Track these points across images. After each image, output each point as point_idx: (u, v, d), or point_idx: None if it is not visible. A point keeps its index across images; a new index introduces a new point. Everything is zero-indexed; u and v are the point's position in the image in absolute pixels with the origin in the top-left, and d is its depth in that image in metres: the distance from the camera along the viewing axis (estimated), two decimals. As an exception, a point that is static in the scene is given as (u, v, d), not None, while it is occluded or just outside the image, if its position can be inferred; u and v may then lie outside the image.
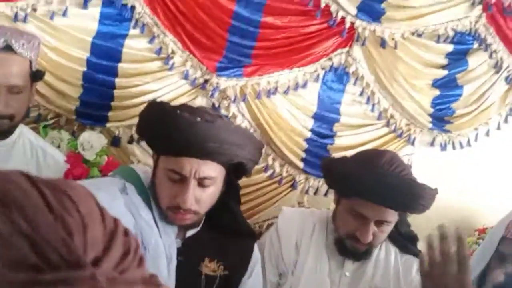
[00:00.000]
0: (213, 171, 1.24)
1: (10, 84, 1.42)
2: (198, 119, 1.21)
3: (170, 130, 1.21)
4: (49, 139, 1.87)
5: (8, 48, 1.42)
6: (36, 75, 1.53)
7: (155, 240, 1.22)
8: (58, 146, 1.86)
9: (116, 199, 1.19)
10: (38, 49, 1.57)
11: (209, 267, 1.32)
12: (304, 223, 1.60)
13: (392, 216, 1.47)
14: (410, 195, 1.45)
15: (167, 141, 1.23)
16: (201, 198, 1.24)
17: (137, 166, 1.45)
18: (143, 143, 1.88)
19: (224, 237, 1.38)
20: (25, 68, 1.47)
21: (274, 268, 1.55)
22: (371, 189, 1.43)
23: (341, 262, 1.54)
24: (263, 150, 2.19)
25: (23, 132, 1.61)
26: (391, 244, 1.62)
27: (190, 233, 1.33)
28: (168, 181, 1.23)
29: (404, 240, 1.64)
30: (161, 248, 1.23)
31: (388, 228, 1.49)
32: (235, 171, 1.33)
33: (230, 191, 1.36)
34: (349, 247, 1.50)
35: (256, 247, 1.46)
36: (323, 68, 2.28)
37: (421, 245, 1.73)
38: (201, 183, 1.23)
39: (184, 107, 1.31)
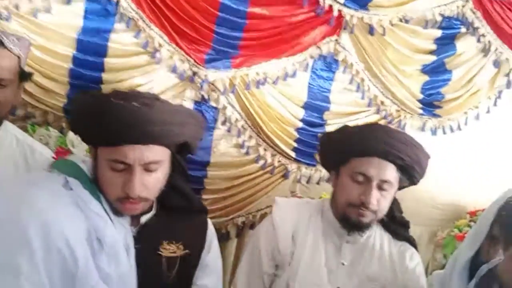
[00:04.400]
0: (158, 154, 1.19)
1: None
2: (135, 104, 1.15)
3: (107, 119, 1.15)
4: (37, 136, 1.86)
5: None
6: (24, 75, 1.53)
7: (110, 231, 1.17)
8: (47, 143, 1.85)
9: (62, 196, 1.14)
10: (27, 49, 1.57)
11: (168, 249, 1.31)
12: (299, 214, 1.60)
13: (394, 178, 1.47)
14: (411, 151, 1.47)
15: (105, 131, 1.16)
16: (148, 183, 1.20)
17: (74, 156, 1.38)
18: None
19: (178, 216, 1.36)
20: (14, 63, 1.47)
21: (271, 260, 1.55)
22: (375, 143, 1.44)
23: (338, 250, 1.54)
24: (255, 141, 2.25)
25: (8, 129, 1.59)
26: (384, 231, 1.63)
27: (144, 219, 1.30)
28: (111, 172, 1.18)
29: (396, 226, 1.65)
30: (117, 240, 1.19)
31: (389, 195, 1.48)
32: (180, 150, 1.29)
33: (177, 170, 1.33)
34: (354, 219, 1.48)
35: (210, 222, 1.46)
36: (312, 57, 2.27)
37: (412, 231, 1.75)
38: (147, 168, 1.18)
39: (117, 93, 1.24)
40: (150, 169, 1.19)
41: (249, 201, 2.31)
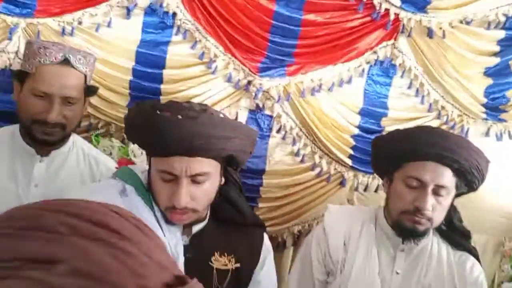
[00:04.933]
0: (205, 166, 1.20)
1: (65, 95, 1.50)
2: (179, 116, 1.16)
3: (152, 132, 1.17)
4: (101, 147, 1.93)
5: (66, 62, 1.51)
6: (90, 90, 1.61)
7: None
8: (110, 154, 1.92)
9: (114, 203, 1.16)
10: (93, 65, 1.64)
11: (220, 261, 1.30)
12: (352, 221, 1.56)
13: (450, 183, 1.41)
14: (468, 155, 1.41)
15: (151, 143, 1.20)
16: (196, 195, 1.20)
17: (136, 166, 1.42)
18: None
19: (232, 229, 1.35)
20: (80, 82, 1.55)
21: (322, 267, 1.53)
22: (429, 146, 1.39)
23: (392, 259, 1.50)
24: (310, 148, 2.23)
25: (76, 141, 1.67)
26: (442, 241, 1.56)
27: (196, 229, 1.30)
28: (161, 182, 1.20)
29: (456, 236, 1.58)
30: (166, 247, 1.20)
31: (445, 202, 1.42)
32: (229, 162, 1.29)
33: (230, 182, 1.33)
34: (409, 227, 1.43)
35: (266, 238, 1.43)
36: (367, 62, 2.22)
37: (477, 240, 1.66)
38: (194, 180, 1.19)
39: (167, 104, 1.26)
40: (198, 181, 1.20)
41: (305, 209, 2.28)
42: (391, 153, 1.50)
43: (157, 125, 1.17)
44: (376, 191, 2.33)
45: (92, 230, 0.46)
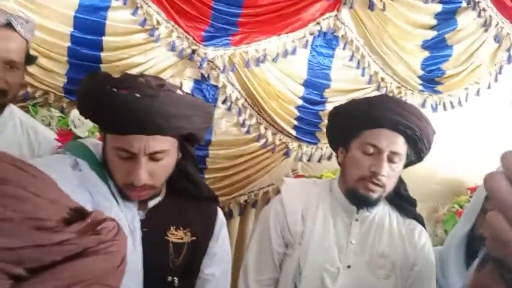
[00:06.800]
0: (164, 144, 1.18)
1: (9, 58, 1.44)
2: (137, 95, 1.12)
3: (109, 110, 1.12)
4: (39, 117, 1.86)
5: (9, 26, 1.45)
6: (30, 58, 1.55)
7: (115, 213, 1.18)
8: (49, 124, 1.85)
9: (67, 177, 1.14)
10: (33, 32, 1.58)
11: (176, 235, 1.31)
12: (308, 193, 1.59)
13: (403, 150, 1.47)
14: (420, 123, 1.46)
15: (108, 121, 1.16)
16: (154, 171, 1.19)
17: (87, 140, 1.38)
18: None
19: (187, 203, 1.36)
20: (23, 47, 1.49)
21: (280, 239, 1.55)
22: (386, 113, 1.44)
23: (347, 228, 1.55)
24: (255, 119, 2.24)
25: (13, 111, 1.60)
26: (392, 210, 1.63)
27: (152, 203, 1.30)
28: (118, 159, 1.17)
29: (404, 204, 1.65)
30: (122, 222, 1.18)
31: (397, 169, 1.48)
32: (187, 138, 1.28)
33: (186, 156, 1.32)
34: (363, 194, 1.48)
35: (220, 211, 1.44)
36: (311, 34, 2.25)
37: (418, 208, 1.75)
38: (152, 157, 1.17)
39: (122, 79, 1.21)
40: (156, 158, 1.18)
41: (251, 179, 2.31)
42: (349, 121, 1.54)
43: (114, 103, 1.11)
44: (319, 161, 2.39)
45: None
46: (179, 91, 1.24)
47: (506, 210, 0.43)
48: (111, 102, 1.12)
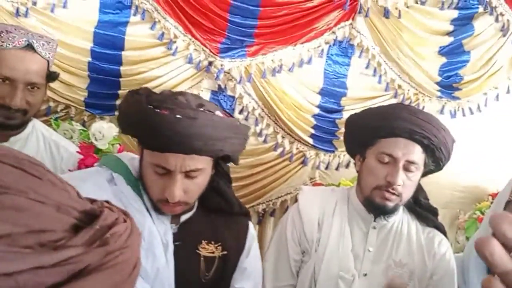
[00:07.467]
0: (200, 163, 1.20)
1: (29, 81, 1.47)
2: (179, 116, 1.14)
3: (149, 129, 1.15)
4: (61, 131, 1.90)
5: (30, 47, 1.47)
6: (52, 76, 1.58)
7: (149, 227, 1.21)
8: (71, 138, 1.89)
9: (103, 190, 1.18)
10: (55, 51, 1.61)
11: (207, 249, 1.32)
12: (325, 201, 1.60)
13: (420, 159, 1.46)
14: (437, 132, 1.45)
15: (147, 138, 1.19)
16: (189, 188, 1.21)
17: (122, 154, 1.41)
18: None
19: (218, 218, 1.37)
20: (43, 67, 1.52)
21: (297, 247, 1.56)
22: (401, 122, 1.44)
23: (364, 236, 1.54)
24: (272, 128, 2.26)
25: (35, 126, 1.64)
26: (412, 218, 1.62)
27: (184, 217, 1.32)
28: (154, 174, 1.20)
29: (424, 212, 1.63)
30: (155, 235, 1.22)
31: (415, 177, 1.47)
32: (223, 159, 1.30)
33: (220, 172, 1.35)
34: (379, 203, 1.47)
35: (251, 226, 1.45)
36: (327, 43, 2.26)
37: (440, 215, 1.73)
38: (188, 175, 1.19)
39: (162, 98, 1.21)
40: (192, 176, 1.20)
41: (269, 188, 2.32)
42: (364, 130, 1.54)
43: (155, 124, 1.14)
44: (337, 169, 2.39)
45: None
46: (218, 112, 1.25)
47: (502, 276, 0.43)
48: (152, 122, 1.15)
